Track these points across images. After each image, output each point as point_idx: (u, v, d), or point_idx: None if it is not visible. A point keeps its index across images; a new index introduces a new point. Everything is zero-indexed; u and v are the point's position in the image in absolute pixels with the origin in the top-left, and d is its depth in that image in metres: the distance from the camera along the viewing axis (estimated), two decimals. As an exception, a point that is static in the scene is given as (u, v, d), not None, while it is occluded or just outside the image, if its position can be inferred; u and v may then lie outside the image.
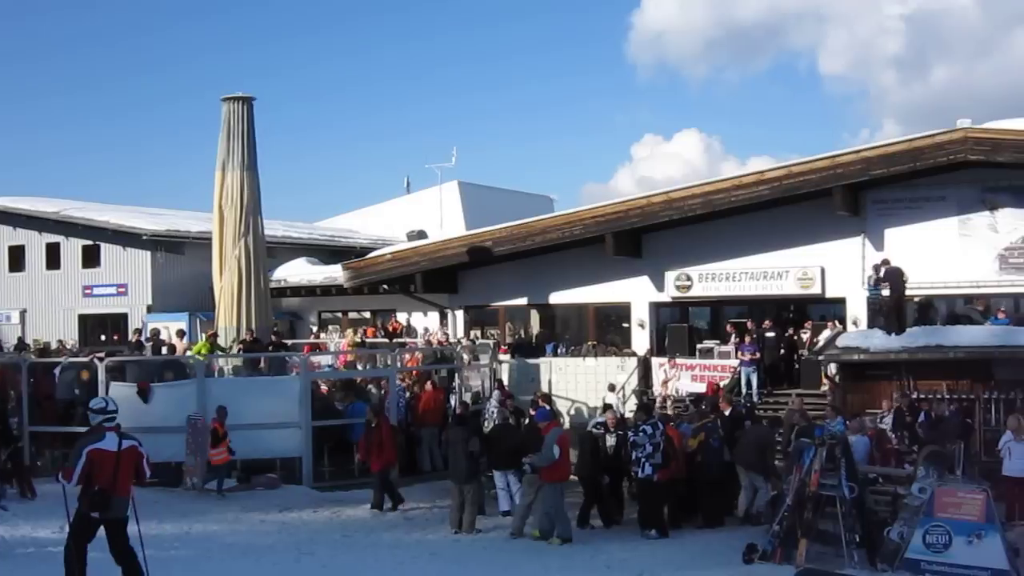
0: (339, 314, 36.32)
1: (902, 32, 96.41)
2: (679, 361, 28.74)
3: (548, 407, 21.19)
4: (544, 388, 29.34)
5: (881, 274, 24.63)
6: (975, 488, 14.64)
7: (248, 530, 18.41)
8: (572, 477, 18.79)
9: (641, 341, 30.41)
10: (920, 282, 25.16)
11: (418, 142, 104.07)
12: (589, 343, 30.89)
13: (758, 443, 19.32)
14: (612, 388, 27.93)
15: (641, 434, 17.97)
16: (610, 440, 19.64)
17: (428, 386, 25.61)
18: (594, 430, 20.38)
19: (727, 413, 20.91)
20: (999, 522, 14.47)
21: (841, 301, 28.00)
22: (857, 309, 27.12)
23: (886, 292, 24.65)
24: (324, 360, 29.40)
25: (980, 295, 26.08)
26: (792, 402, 23.46)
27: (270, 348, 26.41)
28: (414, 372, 27.23)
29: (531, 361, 30.58)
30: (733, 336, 28.41)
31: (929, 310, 25.59)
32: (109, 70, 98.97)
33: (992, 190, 26.50)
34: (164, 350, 27.28)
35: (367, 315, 35.57)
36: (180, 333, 27.94)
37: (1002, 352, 23.23)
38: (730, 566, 15.32)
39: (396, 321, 33.33)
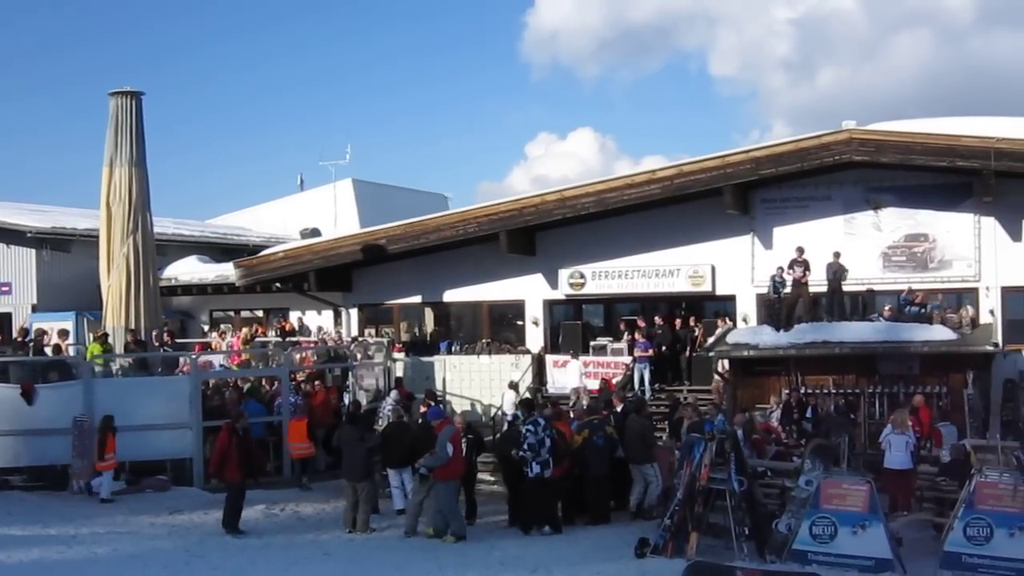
0: (231, 313, 35.81)
1: (790, 35, 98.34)
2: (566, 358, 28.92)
3: (439, 405, 21.24)
4: (438, 386, 29.34)
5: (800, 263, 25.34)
6: (859, 480, 14.99)
7: (137, 533, 18.10)
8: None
9: (535, 339, 30.53)
10: (814, 281, 25.65)
11: (312, 140, 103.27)
12: (483, 341, 30.91)
13: (639, 433, 19.49)
14: (513, 386, 27.98)
15: (526, 432, 17.99)
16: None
17: (319, 385, 25.44)
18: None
19: (619, 409, 21.05)
20: (882, 513, 14.83)
21: (731, 298, 28.47)
22: (747, 306, 27.62)
23: (787, 289, 25.24)
24: (215, 360, 28.97)
25: (864, 292, 26.69)
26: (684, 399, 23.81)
27: (161, 348, 25.94)
28: (306, 371, 27.00)
29: (425, 359, 30.52)
30: (626, 334, 28.69)
31: (817, 307, 26.08)
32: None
33: (876, 190, 27.18)
34: (48, 351, 26.60)
35: (260, 314, 35.15)
36: (63, 333, 27.27)
37: (885, 348, 23.86)
38: (622, 560, 15.47)
39: (285, 320, 32.96)
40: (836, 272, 25.35)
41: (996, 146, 24.33)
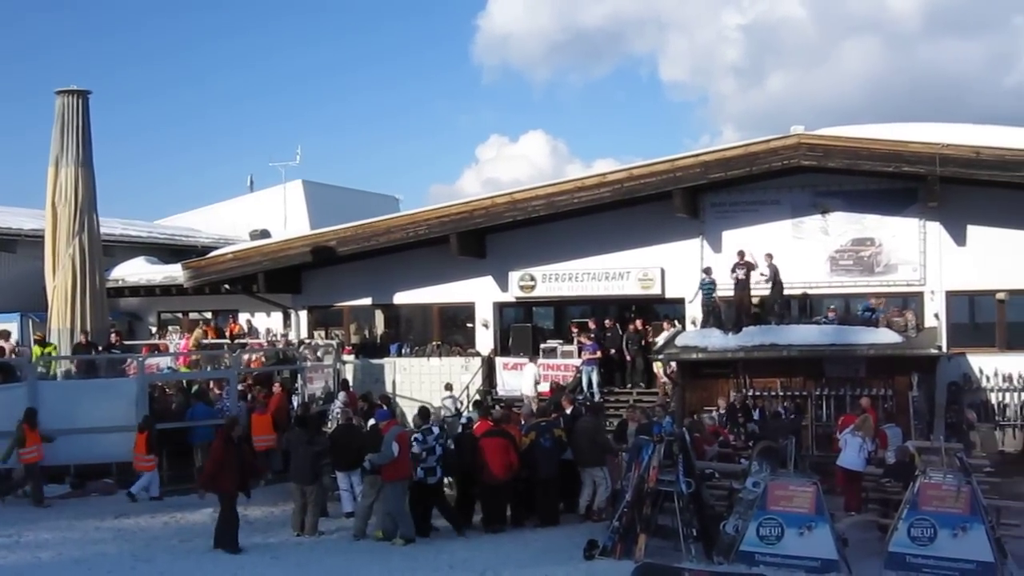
0: (179, 314, 35.52)
1: (740, 41, 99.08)
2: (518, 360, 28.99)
3: (385, 407, 21.26)
4: (388, 388, 29.29)
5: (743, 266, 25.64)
6: (806, 482, 15.13)
7: (82, 538, 17.89)
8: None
9: (485, 341, 30.54)
10: (757, 282, 25.89)
11: (262, 140, 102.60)
12: (433, 343, 30.90)
13: (587, 434, 19.51)
14: (449, 387, 28.00)
15: (413, 441, 18.03)
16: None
17: (276, 388, 25.33)
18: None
19: (568, 411, 21.10)
20: (829, 514, 14.97)
21: (680, 301, 28.56)
22: (696, 309, 27.74)
23: (716, 293, 25.51)
24: (163, 362, 28.75)
25: (813, 295, 26.94)
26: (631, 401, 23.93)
27: (104, 350, 25.69)
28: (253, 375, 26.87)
29: (375, 361, 30.49)
30: (577, 336, 28.72)
31: (763, 310, 26.31)
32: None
33: (824, 194, 27.41)
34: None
35: (208, 315, 34.89)
36: (5, 334, 26.95)
37: (832, 351, 24.11)
38: (571, 562, 15.51)
39: (234, 322, 32.77)
40: (773, 274, 25.63)
41: (941, 152, 24.62)
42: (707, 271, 26.37)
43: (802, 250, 27.24)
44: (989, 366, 25.84)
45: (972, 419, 24.47)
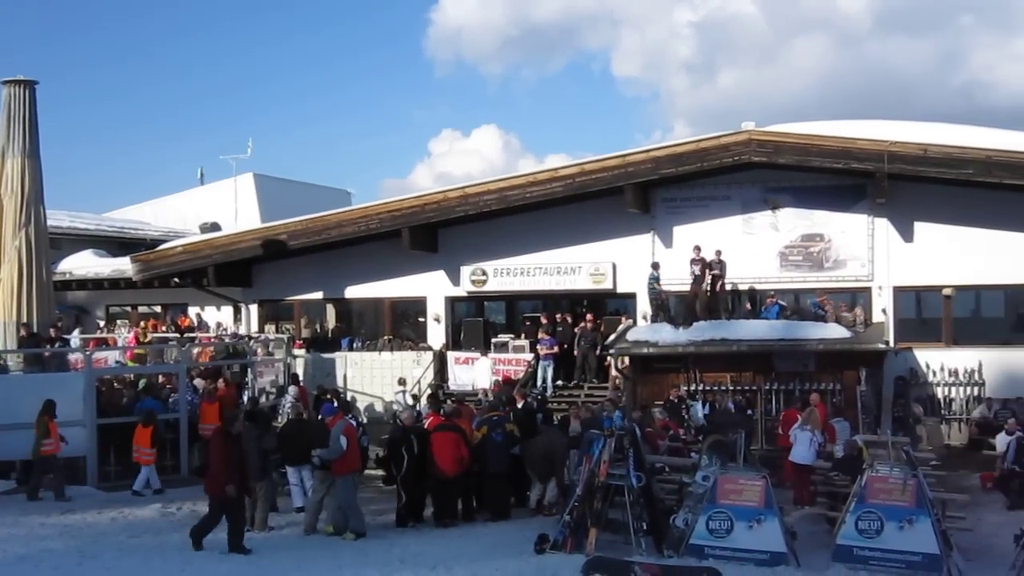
0: (128, 308, 35.19)
1: (692, 38, 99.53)
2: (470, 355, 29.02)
3: (333, 402, 21.19)
4: (339, 383, 29.17)
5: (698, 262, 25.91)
6: (755, 475, 15.21)
7: (27, 534, 17.59)
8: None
9: (437, 335, 30.51)
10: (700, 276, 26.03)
11: (213, 133, 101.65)
12: (385, 337, 30.83)
13: (547, 453, 19.43)
14: (402, 382, 27.92)
15: None
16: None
17: (221, 383, 25.10)
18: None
19: (519, 406, 21.11)
20: (777, 507, 15.07)
21: (632, 296, 28.68)
22: (647, 304, 27.87)
23: (671, 287, 25.68)
24: (111, 356, 28.44)
25: (763, 290, 27.14)
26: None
27: (51, 344, 25.39)
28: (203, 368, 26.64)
29: (326, 356, 30.36)
30: (539, 330, 28.65)
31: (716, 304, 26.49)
32: None
33: (774, 191, 27.64)
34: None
35: (158, 309, 34.59)
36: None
37: (782, 345, 24.31)
38: (522, 556, 15.47)
39: (184, 316, 32.50)
40: (719, 269, 25.85)
41: (889, 149, 24.90)
42: (655, 266, 26.51)
43: (752, 245, 27.46)
44: (935, 361, 26.20)
45: (919, 413, 24.81)
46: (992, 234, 26.06)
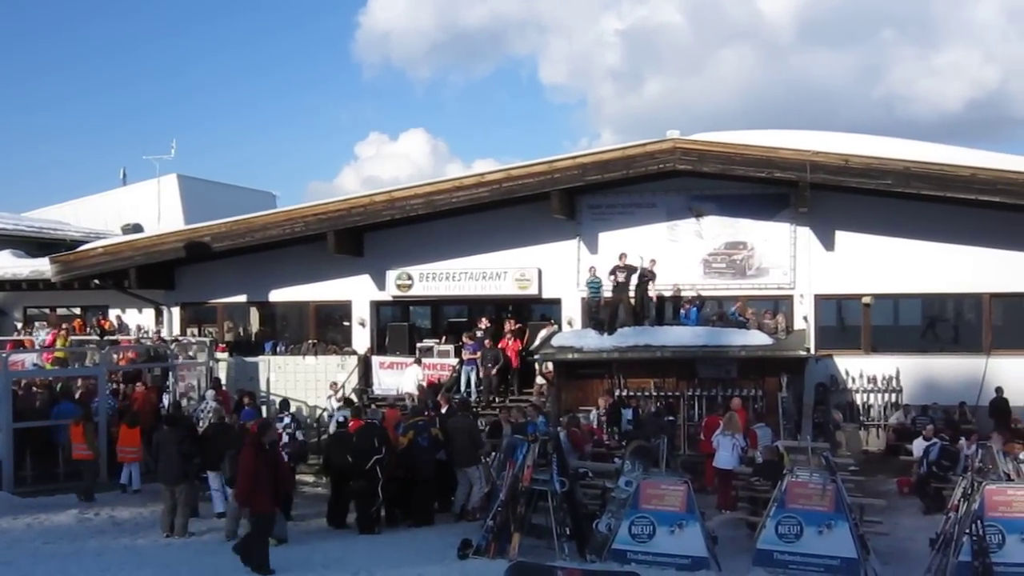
0: (47, 310, 34.54)
1: (619, 46, 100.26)
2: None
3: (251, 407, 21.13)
4: (262, 387, 28.93)
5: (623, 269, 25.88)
6: (677, 480, 15.31)
7: (-60, 540, 17.28)
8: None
9: (362, 340, 30.35)
10: (632, 284, 26.16)
11: (137, 133, 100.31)
12: (309, 341, 30.62)
13: (461, 433, 19.56)
14: (334, 386, 27.72)
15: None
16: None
17: (139, 386, 24.74)
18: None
19: (444, 410, 21.09)
20: (699, 512, 15.19)
21: (557, 302, 28.78)
22: (572, 309, 27.96)
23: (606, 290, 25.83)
24: (28, 359, 27.92)
25: (687, 298, 27.34)
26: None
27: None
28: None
29: (249, 360, 30.09)
30: (470, 332, 28.62)
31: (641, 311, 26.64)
32: None
33: (698, 198, 27.87)
34: None
35: (77, 311, 34.00)
36: None
37: (705, 352, 24.52)
38: (445, 562, 15.45)
39: (104, 319, 31.99)
40: (643, 276, 26.02)
41: (812, 159, 25.23)
42: (592, 270, 26.59)
43: (677, 253, 27.65)
44: (855, 368, 26.63)
45: (838, 419, 25.20)
46: (910, 244, 26.53)
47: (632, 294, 26.00)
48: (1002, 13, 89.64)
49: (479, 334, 28.18)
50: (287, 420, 21.19)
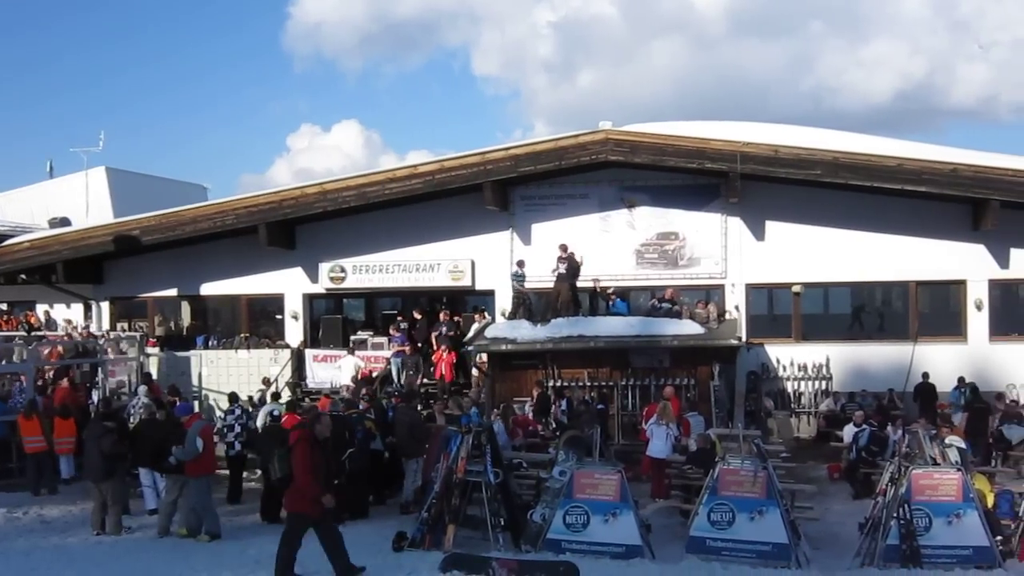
0: (-29, 306, 33.94)
1: (551, 37, 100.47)
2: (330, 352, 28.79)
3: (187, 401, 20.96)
4: (195, 381, 28.67)
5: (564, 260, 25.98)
6: (611, 470, 15.39)
7: None
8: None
9: (295, 333, 30.19)
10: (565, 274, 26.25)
11: (63, 125, 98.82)
12: (242, 335, 30.39)
13: (405, 424, 19.56)
14: (266, 381, 27.53)
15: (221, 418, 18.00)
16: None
17: (64, 382, 24.41)
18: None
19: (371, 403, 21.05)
20: (633, 500, 15.29)
21: (491, 293, 28.84)
22: (506, 300, 28.00)
23: (530, 285, 25.88)
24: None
25: (621, 288, 27.49)
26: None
27: None
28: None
29: (181, 354, 29.80)
30: (402, 324, 28.53)
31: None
32: None
33: (631, 189, 28.05)
34: None
35: (3, 306, 33.42)
36: None
37: (637, 341, 24.65)
38: (380, 555, 15.37)
39: (31, 314, 31.51)
40: (569, 266, 26.15)
41: (742, 150, 25.52)
42: (520, 263, 26.67)
43: (610, 243, 27.83)
44: (786, 356, 26.98)
45: (769, 407, 25.55)
46: (839, 233, 26.93)
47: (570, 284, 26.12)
48: (929, 6, 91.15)
49: (404, 326, 28.08)
50: (238, 412, 20.94)
